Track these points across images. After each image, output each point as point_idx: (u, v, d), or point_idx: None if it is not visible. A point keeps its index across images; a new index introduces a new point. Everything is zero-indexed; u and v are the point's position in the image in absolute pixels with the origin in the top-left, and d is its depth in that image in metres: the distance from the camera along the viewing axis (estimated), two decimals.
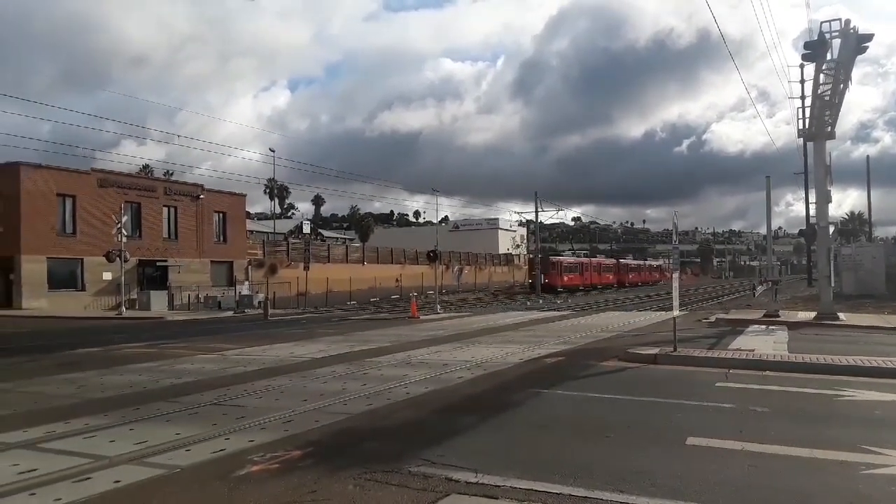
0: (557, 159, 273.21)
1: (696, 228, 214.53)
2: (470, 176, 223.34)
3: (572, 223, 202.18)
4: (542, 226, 61.65)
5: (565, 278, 61.62)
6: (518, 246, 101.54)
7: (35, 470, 5.56)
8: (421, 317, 26.66)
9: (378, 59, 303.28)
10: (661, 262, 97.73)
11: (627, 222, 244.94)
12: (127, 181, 42.66)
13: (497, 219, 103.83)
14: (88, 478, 5.38)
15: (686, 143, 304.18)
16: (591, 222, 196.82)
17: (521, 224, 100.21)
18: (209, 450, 6.24)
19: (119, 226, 34.80)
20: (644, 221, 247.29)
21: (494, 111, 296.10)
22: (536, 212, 54.75)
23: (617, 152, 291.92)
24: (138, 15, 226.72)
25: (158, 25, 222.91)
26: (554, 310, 31.94)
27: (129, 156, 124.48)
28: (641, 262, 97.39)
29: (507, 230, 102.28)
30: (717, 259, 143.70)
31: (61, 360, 14.49)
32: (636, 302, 39.26)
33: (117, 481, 5.28)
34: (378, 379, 10.46)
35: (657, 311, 28.49)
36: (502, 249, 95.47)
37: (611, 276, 77.19)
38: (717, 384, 9.73)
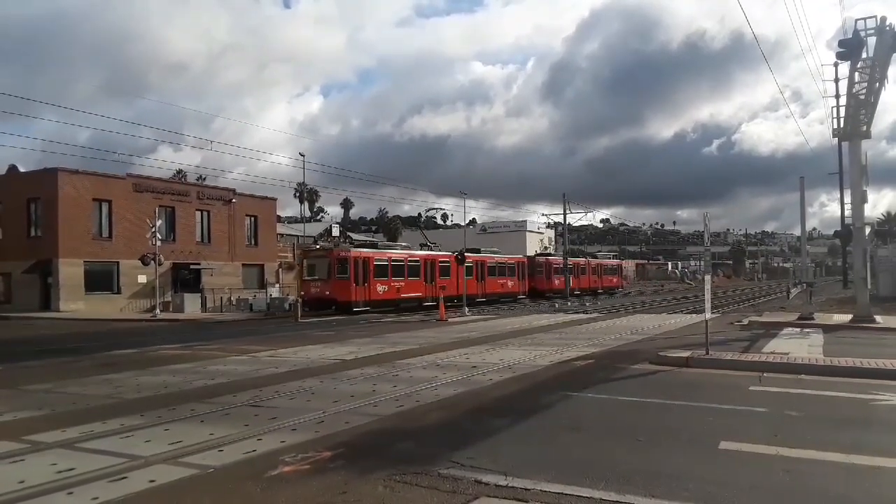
0: (586, 161, 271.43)
1: (728, 230, 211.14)
2: (498, 178, 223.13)
3: (601, 225, 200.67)
4: (570, 227, 60.53)
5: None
6: (546, 248, 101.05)
7: (73, 469, 5.70)
8: (449, 319, 26.66)
9: (410, 64, 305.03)
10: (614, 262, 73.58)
11: (657, 224, 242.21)
12: (161, 186, 43.47)
13: (525, 221, 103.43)
14: (124, 477, 5.50)
15: (717, 143, 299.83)
16: (621, 224, 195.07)
17: (549, 226, 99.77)
18: (241, 450, 6.33)
19: (153, 229, 35.45)
20: (674, 223, 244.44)
21: (523, 114, 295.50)
22: (564, 213, 54.35)
23: (647, 153, 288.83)
24: (179, 25, 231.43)
25: (198, 35, 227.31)
26: (583, 312, 31.70)
27: (168, 161, 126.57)
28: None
29: (535, 232, 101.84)
30: (750, 261, 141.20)
31: (98, 361, 14.82)
32: (667, 304, 38.76)
33: (152, 481, 5.38)
34: (407, 381, 10.50)
35: (688, 313, 28.10)
36: (530, 251, 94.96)
37: (615, 279, 66.13)
38: (751, 388, 9.57)
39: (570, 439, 6.84)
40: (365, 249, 37.04)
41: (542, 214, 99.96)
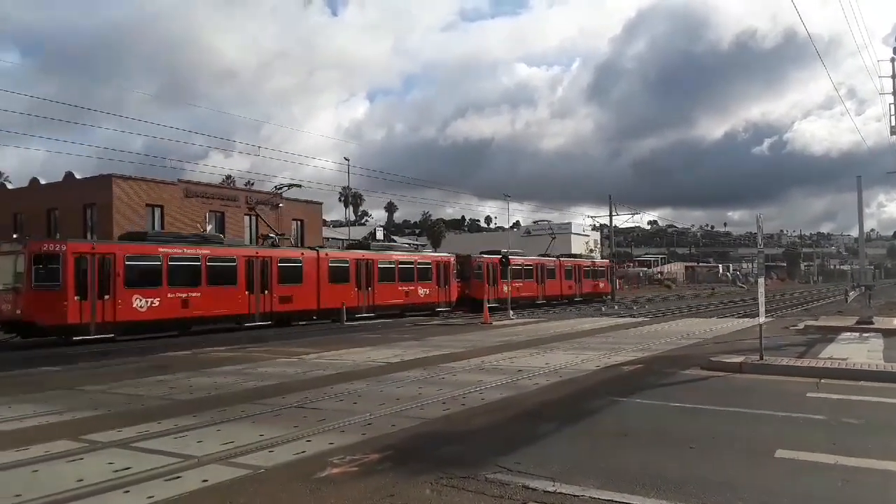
0: (633, 162, 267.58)
1: (782, 231, 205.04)
2: (542, 181, 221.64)
3: (649, 227, 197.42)
4: (616, 230, 59.39)
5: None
6: (592, 251, 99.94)
7: (129, 468, 5.86)
8: (493, 322, 26.58)
9: (454, 68, 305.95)
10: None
11: (708, 225, 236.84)
12: (211, 191, 44.52)
13: (570, 223, 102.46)
14: (178, 476, 5.63)
15: (768, 142, 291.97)
16: (669, 226, 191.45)
17: (594, 228, 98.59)
18: (291, 451, 6.42)
19: (203, 234, 36.31)
20: (725, 224, 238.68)
21: (568, 115, 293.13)
22: (611, 215, 53.69)
23: (696, 154, 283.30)
24: (230, 35, 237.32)
25: (248, 44, 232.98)
26: (630, 316, 31.23)
27: (217, 167, 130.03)
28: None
29: (580, 234, 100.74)
30: (805, 263, 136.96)
31: (152, 362, 15.25)
32: (718, 308, 37.89)
33: (205, 480, 5.50)
34: (453, 384, 10.50)
35: (741, 317, 27.39)
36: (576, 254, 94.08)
37: (601, 284, 53.83)
38: (808, 394, 9.26)
39: (619, 445, 6.73)
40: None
41: (588, 217, 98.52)
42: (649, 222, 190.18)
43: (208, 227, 37.36)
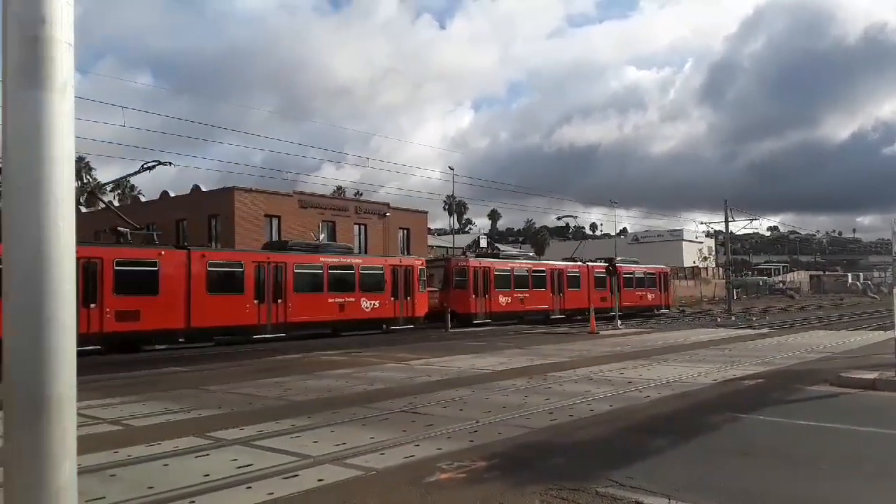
0: (749, 165, 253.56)
1: None
2: (651, 186, 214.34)
3: (768, 233, 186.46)
4: (732, 236, 56.45)
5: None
6: (706, 258, 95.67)
7: (250, 465, 6.16)
8: (601, 332, 25.97)
9: (560, 74, 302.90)
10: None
11: (834, 231, 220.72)
12: (323, 202, 46.38)
13: (681, 230, 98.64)
14: (296, 475, 5.86)
15: None
16: (791, 232, 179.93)
17: (708, 235, 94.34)
18: (401, 455, 6.52)
19: (317, 243, 37.88)
20: (854, 230, 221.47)
21: (680, 118, 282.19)
22: (727, 221, 51.08)
23: (819, 155, 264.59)
24: (343, 53, 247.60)
25: (361, 61, 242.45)
26: (750, 327, 29.57)
27: (330, 178, 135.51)
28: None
29: (692, 241, 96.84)
30: None
31: (269, 365, 16.01)
32: (848, 320, 35.18)
33: (321, 479, 5.69)
34: (560, 394, 10.32)
35: (873, 330, 25.27)
36: (687, 262, 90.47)
37: (651, 295, 44.13)
38: None
39: (739, 464, 6.35)
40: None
41: (701, 223, 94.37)
42: (769, 228, 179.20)
43: (321, 237, 38.92)
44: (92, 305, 19.22)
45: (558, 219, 57.79)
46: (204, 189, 45.56)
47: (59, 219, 1.69)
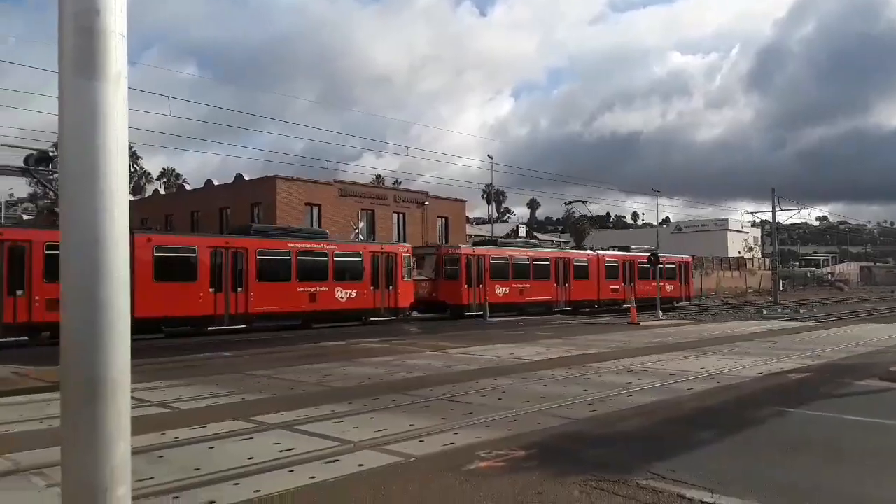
0: (798, 153, 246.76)
1: None
2: (695, 174, 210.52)
3: (817, 223, 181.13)
4: (779, 226, 54.92)
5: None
6: (751, 249, 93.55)
7: (292, 449, 6.28)
8: (642, 323, 25.64)
9: (602, 60, 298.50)
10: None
11: (886, 222, 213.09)
12: (363, 190, 46.72)
13: (726, 219, 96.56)
14: (336, 460, 5.94)
15: None
16: (841, 222, 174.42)
17: (754, 225, 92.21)
18: (440, 442, 6.56)
19: (356, 231, 38.25)
20: None
21: (726, 104, 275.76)
22: (773, 210, 49.71)
23: (872, 143, 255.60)
24: (384, 41, 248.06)
25: (401, 49, 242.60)
26: (797, 320, 28.86)
27: (369, 167, 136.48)
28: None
29: (737, 231, 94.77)
30: None
31: (309, 351, 16.26)
32: None
33: (361, 465, 5.76)
34: (599, 385, 10.24)
35: None
36: (732, 252, 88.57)
37: (670, 286, 40.15)
38: None
39: (786, 459, 6.21)
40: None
41: (747, 212, 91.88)
42: (818, 218, 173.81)
43: (360, 225, 39.25)
44: (19, 293, 17.94)
45: (566, 204, 55.99)
46: (247, 177, 46.32)
47: (114, 206, 1.73)
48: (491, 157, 56.43)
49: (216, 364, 13.77)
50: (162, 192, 72.50)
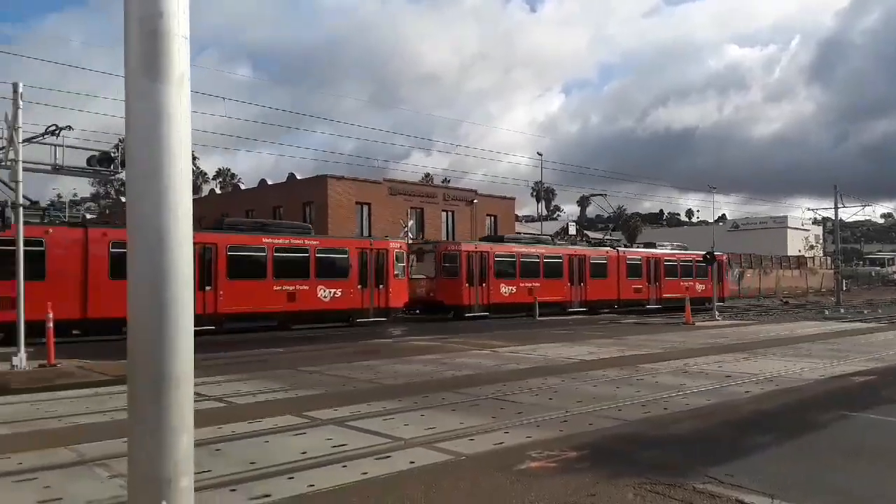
0: (862, 148, 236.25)
1: None
2: (753, 171, 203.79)
3: (882, 221, 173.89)
4: (842, 224, 52.77)
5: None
6: (812, 247, 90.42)
7: (345, 445, 6.36)
8: (696, 323, 25.06)
9: (656, 55, 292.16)
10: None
11: None
12: (412, 189, 47.01)
13: (785, 217, 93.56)
14: (388, 456, 5.99)
15: None
16: None
17: (815, 222, 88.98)
18: (490, 441, 6.55)
19: (406, 229, 38.50)
20: None
21: (785, 98, 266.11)
22: (836, 207, 47.83)
23: None
24: (433, 40, 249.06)
25: (450, 47, 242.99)
26: (860, 321, 27.76)
27: (418, 166, 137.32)
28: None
29: (797, 229, 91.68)
30: None
31: (360, 348, 16.44)
32: None
33: (412, 462, 5.80)
34: (652, 386, 10.05)
35: None
36: (792, 251, 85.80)
37: (700, 285, 37.38)
38: None
39: (850, 465, 5.98)
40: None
41: (807, 209, 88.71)
42: (883, 215, 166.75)
43: (409, 223, 39.51)
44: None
45: (586, 197, 54.53)
46: (299, 177, 47.15)
47: (178, 206, 1.78)
48: (540, 155, 55.89)
49: (271, 360, 14.04)
50: (217, 191, 74.42)
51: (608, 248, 35.87)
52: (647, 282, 35.95)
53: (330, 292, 23.86)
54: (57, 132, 14.03)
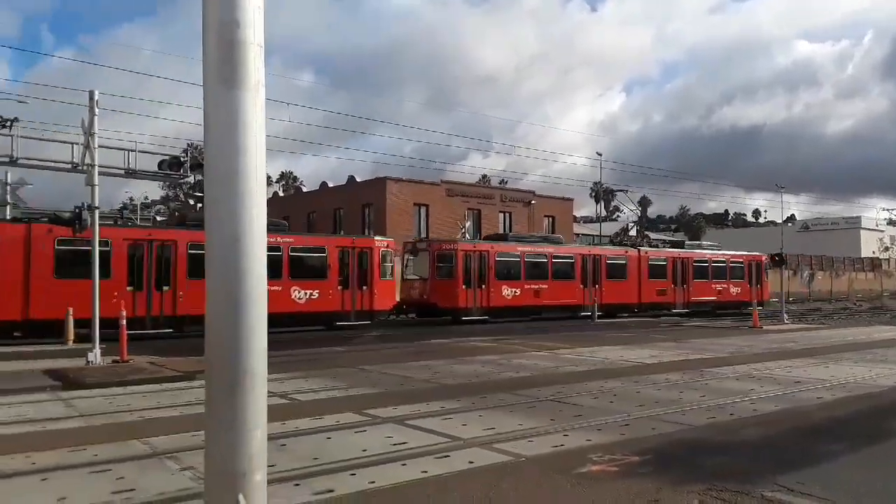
0: None
1: None
2: (824, 169, 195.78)
3: None
4: None
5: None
6: (887, 248, 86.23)
7: (405, 443, 6.43)
8: (764, 327, 24.23)
9: (721, 51, 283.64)
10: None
11: None
12: (469, 190, 47.08)
13: (859, 217, 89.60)
14: (447, 456, 6.03)
15: None
16: None
17: (890, 223, 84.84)
18: (549, 443, 6.50)
19: (463, 230, 38.56)
20: None
21: (859, 94, 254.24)
22: None
23: None
24: (491, 42, 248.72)
25: (508, 48, 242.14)
26: None
27: (476, 167, 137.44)
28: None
29: (872, 230, 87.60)
30: None
31: (418, 348, 16.57)
32: None
33: (471, 462, 5.81)
34: (718, 391, 9.77)
35: None
36: (865, 252, 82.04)
37: (737, 289, 36.30)
38: None
39: None
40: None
41: (882, 209, 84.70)
42: None
43: (467, 224, 39.57)
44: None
45: (600, 190, 53.16)
46: (358, 179, 47.82)
47: (252, 206, 1.85)
48: (600, 154, 55.03)
49: (332, 358, 14.30)
50: (281, 194, 76.30)
51: (627, 248, 34.05)
52: (672, 283, 33.83)
53: (305, 293, 22.30)
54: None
